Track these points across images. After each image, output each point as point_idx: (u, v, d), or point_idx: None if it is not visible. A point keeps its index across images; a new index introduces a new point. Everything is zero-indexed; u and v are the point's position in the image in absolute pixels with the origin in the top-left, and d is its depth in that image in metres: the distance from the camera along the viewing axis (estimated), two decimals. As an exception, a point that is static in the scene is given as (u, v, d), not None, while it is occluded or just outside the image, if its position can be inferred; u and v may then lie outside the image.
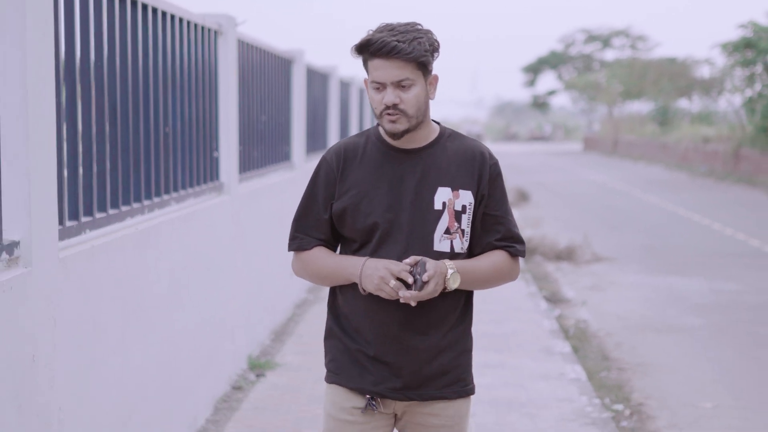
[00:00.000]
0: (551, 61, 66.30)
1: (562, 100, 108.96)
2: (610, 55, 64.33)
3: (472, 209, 2.80)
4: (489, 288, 2.86)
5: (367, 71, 2.73)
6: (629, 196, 22.45)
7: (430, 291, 2.66)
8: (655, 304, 9.58)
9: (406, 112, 2.69)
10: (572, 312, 9.04)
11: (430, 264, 2.66)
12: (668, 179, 28.34)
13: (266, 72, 7.28)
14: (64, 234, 3.40)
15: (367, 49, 2.67)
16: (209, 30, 5.50)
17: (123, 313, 3.88)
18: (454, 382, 2.82)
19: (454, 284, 2.71)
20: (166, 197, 4.70)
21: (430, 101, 2.77)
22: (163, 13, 4.66)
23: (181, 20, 4.94)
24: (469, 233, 2.80)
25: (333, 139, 11.80)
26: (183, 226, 4.73)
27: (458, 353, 2.84)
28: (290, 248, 2.86)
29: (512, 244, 2.84)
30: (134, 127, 4.26)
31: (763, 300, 9.74)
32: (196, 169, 5.34)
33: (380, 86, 2.69)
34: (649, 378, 6.84)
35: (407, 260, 2.67)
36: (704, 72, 41.29)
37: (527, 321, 8.18)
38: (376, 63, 2.67)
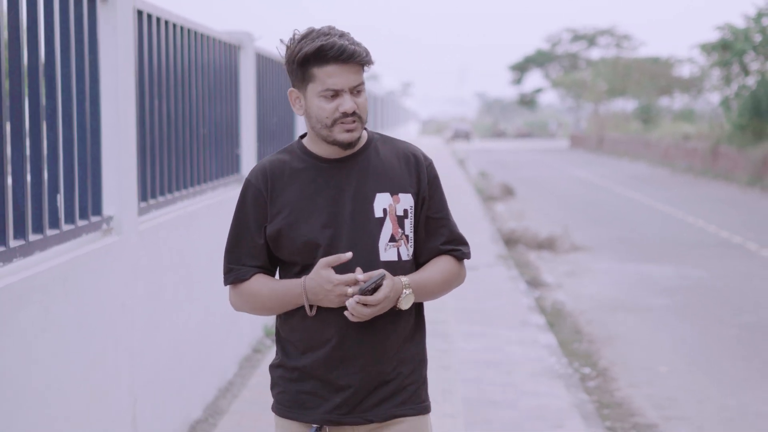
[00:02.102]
0: (538, 60, 67.31)
1: (549, 98, 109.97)
2: (595, 53, 65.40)
3: (414, 212, 2.66)
4: (438, 297, 2.72)
5: (307, 80, 2.53)
6: (610, 191, 23.43)
7: (375, 311, 2.51)
8: (625, 287, 10.53)
9: (362, 117, 2.56)
10: (550, 294, 9.99)
11: (387, 282, 2.51)
12: (649, 175, 29.34)
13: (276, 78, 8.24)
14: (141, 212, 4.36)
15: (321, 55, 2.49)
16: (231, 45, 6.46)
17: (177, 278, 4.84)
18: (411, 399, 2.67)
19: (405, 305, 2.57)
20: (204, 186, 5.65)
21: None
22: (196, 33, 5.60)
23: (208, 37, 5.89)
24: (413, 239, 2.67)
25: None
26: (218, 209, 5.69)
27: (413, 369, 2.68)
28: (226, 282, 2.66)
29: (458, 247, 2.72)
30: (183, 129, 5.22)
31: (724, 284, 10.70)
32: (224, 163, 6.29)
33: (335, 94, 2.51)
34: (614, 348, 7.79)
35: (360, 276, 2.51)
36: (686, 71, 42.42)
37: (507, 299, 9.14)
38: (329, 69, 2.49)
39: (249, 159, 6.94)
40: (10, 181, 3.10)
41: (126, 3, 4.01)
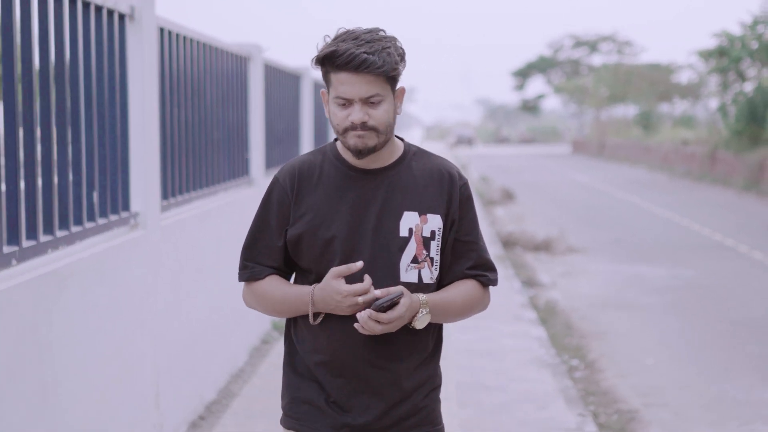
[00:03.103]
0: (540, 66, 67.74)
1: (553, 104, 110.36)
2: (597, 60, 65.86)
3: (441, 235, 2.55)
4: (457, 321, 2.63)
5: (327, 84, 2.47)
6: (609, 195, 23.86)
7: (387, 329, 2.42)
8: (618, 286, 10.95)
9: (377, 128, 2.44)
10: (545, 293, 10.41)
11: (404, 301, 2.43)
12: (648, 180, 29.78)
13: (283, 87, 8.69)
14: (163, 209, 4.82)
15: (332, 61, 2.40)
16: (241, 57, 6.92)
17: (193, 270, 5.28)
18: (424, 423, 2.59)
19: (420, 325, 2.49)
20: (217, 187, 6.11)
21: (397, 116, 2.54)
22: (210, 47, 6.05)
23: (220, 50, 6.34)
24: (438, 261, 2.56)
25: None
26: (229, 209, 6.15)
27: (428, 392, 2.60)
28: (241, 278, 2.62)
29: (484, 272, 2.61)
30: (198, 134, 5.67)
31: (714, 283, 11.12)
32: (235, 166, 6.74)
33: (346, 102, 2.43)
34: (604, 342, 8.21)
35: (377, 292, 2.43)
36: (687, 77, 42.92)
37: (502, 297, 9.56)
38: (342, 77, 2.40)
39: (258, 162, 7.39)
40: (56, 179, 3.55)
41: (150, 22, 4.46)
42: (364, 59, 2.36)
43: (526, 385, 6.26)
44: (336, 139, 2.60)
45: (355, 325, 2.42)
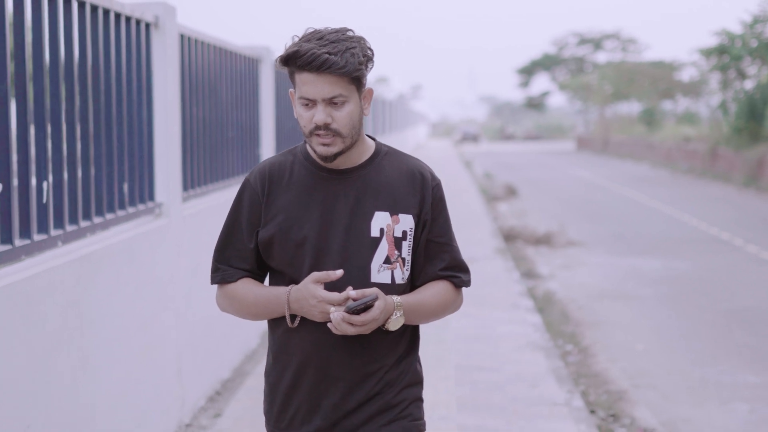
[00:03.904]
0: (545, 63, 68.05)
1: (558, 101, 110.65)
2: (601, 57, 66.17)
3: (413, 235, 2.55)
4: (429, 322, 2.61)
5: (293, 84, 2.46)
6: (610, 191, 24.21)
7: (360, 330, 2.40)
8: (615, 278, 11.32)
9: (340, 132, 2.42)
10: (543, 284, 10.80)
11: (379, 304, 2.41)
12: (651, 176, 30.10)
13: (288, 86, 9.11)
14: (184, 200, 5.25)
15: (294, 61, 2.38)
16: (252, 59, 7.34)
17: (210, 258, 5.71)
18: (400, 417, 2.58)
19: (393, 327, 2.49)
20: (231, 180, 6.54)
21: (365, 117, 2.55)
22: (224, 50, 6.47)
23: (233, 53, 6.76)
24: (410, 262, 2.56)
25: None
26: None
27: (403, 388, 2.59)
28: (213, 281, 2.63)
29: (457, 273, 2.62)
30: (214, 131, 6.10)
31: (707, 275, 11.48)
32: (247, 161, 7.16)
33: (309, 103, 2.41)
34: (598, 330, 8.60)
35: (352, 293, 2.41)
36: (689, 75, 43.26)
37: (501, 287, 9.96)
38: (304, 77, 2.38)
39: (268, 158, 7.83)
40: (93, 172, 3.98)
41: (173, 29, 4.88)
42: (325, 59, 2.34)
43: (519, 367, 6.68)
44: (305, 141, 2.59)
45: (329, 325, 2.41)
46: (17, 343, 3.17)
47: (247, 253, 2.55)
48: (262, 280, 2.62)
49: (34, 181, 3.42)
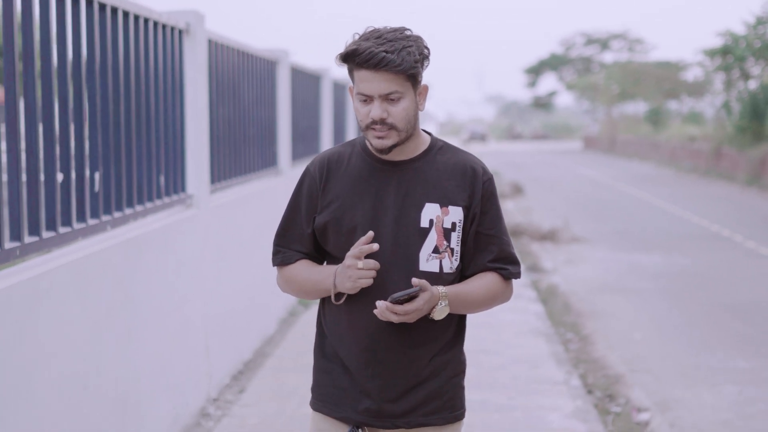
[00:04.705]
0: (552, 63, 68.13)
1: (566, 100, 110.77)
2: (608, 57, 66.33)
3: (462, 227, 2.63)
4: (477, 312, 2.67)
5: (352, 80, 2.56)
6: (615, 189, 24.52)
7: (403, 319, 2.50)
8: (616, 273, 11.66)
9: (396, 126, 2.53)
10: (547, 278, 11.17)
11: (424, 295, 2.49)
12: (656, 175, 30.39)
13: (306, 88, 9.55)
14: (211, 192, 5.68)
15: (353, 59, 2.49)
16: (271, 61, 7.78)
17: (234, 246, 6.14)
18: (443, 408, 2.66)
19: (439, 316, 2.56)
20: (251, 175, 6.98)
21: (420, 113, 2.62)
22: (246, 54, 6.89)
23: (254, 56, 7.19)
24: (459, 252, 2.64)
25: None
26: (262, 195, 7.03)
27: (448, 378, 2.67)
28: (274, 263, 2.74)
29: (505, 266, 2.67)
30: (237, 129, 6.53)
31: (706, 270, 11.80)
32: (265, 158, 7.60)
33: (367, 98, 2.52)
34: (598, 320, 8.96)
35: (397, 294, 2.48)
36: (694, 75, 43.56)
37: (507, 279, 10.36)
38: (362, 74, 2.49)
39: (284, 155, 8.24)
40: (135, 165, 4.42)
41: (202, 35, 5.32)
42: (382, 57, 2.44)
43: (521, 350, 7.09)
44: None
45: (375, 311, 2.50)
46: (77, 312, 3.59)
47: (304, 237, 2.68)
48: (320, 263, 2.72)
49: (87, 172, 3.86)
